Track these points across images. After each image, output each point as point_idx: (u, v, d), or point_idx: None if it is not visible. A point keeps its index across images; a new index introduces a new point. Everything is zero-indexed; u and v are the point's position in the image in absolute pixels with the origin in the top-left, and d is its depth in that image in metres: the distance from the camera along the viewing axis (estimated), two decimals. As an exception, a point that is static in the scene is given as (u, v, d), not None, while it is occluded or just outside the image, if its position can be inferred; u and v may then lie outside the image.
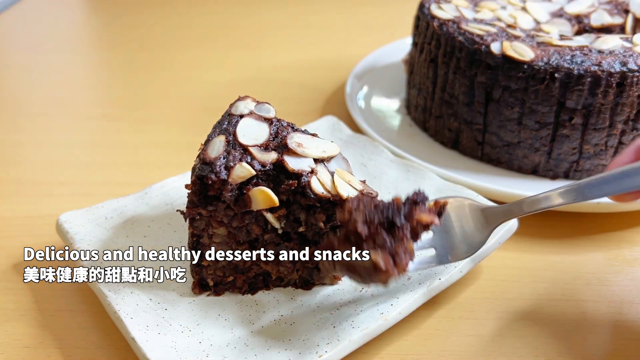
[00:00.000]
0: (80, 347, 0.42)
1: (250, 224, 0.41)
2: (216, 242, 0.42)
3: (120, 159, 0.67)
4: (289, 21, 1.14)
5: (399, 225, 0.37)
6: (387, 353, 0.41)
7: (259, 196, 0.39)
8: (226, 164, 0.39)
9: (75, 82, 0.90)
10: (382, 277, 0.35)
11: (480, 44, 0.56)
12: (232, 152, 0.40)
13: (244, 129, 0.42)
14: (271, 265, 0.43)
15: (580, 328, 0.43)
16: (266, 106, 0.45)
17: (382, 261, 0.35)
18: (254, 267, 0.43)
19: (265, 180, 0.40)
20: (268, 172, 0.40)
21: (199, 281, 0.43)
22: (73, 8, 1.28)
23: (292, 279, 0.44)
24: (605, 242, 0.52)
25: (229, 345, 0.39)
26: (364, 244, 0.36)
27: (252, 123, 0.43)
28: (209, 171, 0.38)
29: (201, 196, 0.39)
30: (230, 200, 0.39)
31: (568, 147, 0.55)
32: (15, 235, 0.53)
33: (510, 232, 0.46)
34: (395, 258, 0.36)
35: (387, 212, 0.37)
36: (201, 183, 0.39)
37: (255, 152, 0.40)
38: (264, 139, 0.42)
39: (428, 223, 0.38)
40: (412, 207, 0.38)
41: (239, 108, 0.44)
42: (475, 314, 0.44)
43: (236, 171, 0.39)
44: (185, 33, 1.08)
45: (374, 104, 0.73)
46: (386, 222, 0.37)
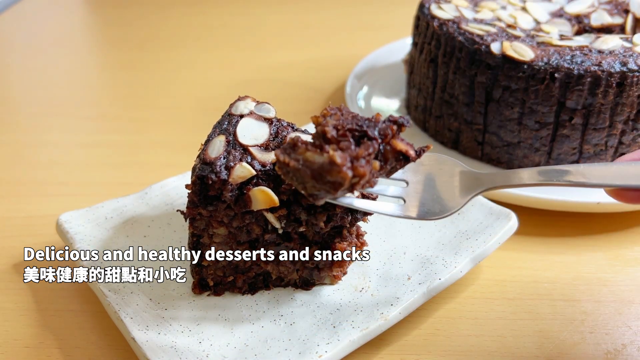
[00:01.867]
0: (80, 347, 0.42)
1: (251, 224, 0.41)
2: (216, 242, 0.42)
3: (120, 159, 0.67)
4: (289, 21, 1.14)
5: (370, 136, 0.33)
6: (387, 353, 0.41)
7: (260, 196, 0.39)
8: (226, 164, 0.39)
9: (75, 82, 0.90)
10: (335, 176, 0.32)
11: (480, 44, 0.56)
12: (232, 152, 0.40)
13: (244, 129, 0.42)
14: (271, 265, 0.43)
15: (580, 328, 0.43)
16: (266, 106, 0.45)
17: (339, 158, 0.31)
18: (254, 267, 0.43)
19: (265, 180, 0.40)
20: (268, 172, 0.40)
21: (199, 281, 0.43)
22: (73, 8, 1.28)
23: (292, 279, 0.44)
24: (605, 242, 0.52)
25: (229, 345, 0.39)
26: (327, 146, 0.32)
27: (252, 123, 0.43)
28: (209, 171, 0.38)
29: (201, 196, 0.39)
30: (231, 200, 0.39)
31: (568, 147, 0.55)
32: (15, 235, 0.53)
33: (510, 232, 0.46)
34: (354, 162, 0.32)
35: (362, 122, 0.34)
36: (201, 183, 0.39)
37: (256, 152, 0.40)
38: (264, 138, 0.42)
39: (402, 151, 0.34)
40: (389, 126, 0.34)
41: (239, 108, 0.44)
42: (475, 314, 0.44)
43: (236, 171, 0.39)
44: (185, 33, 1.08)
45: (374, 104, 0.73)
46: (358, 133, 0.33)
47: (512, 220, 0.47)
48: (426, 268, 0.44)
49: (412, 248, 0.47)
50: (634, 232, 0.53)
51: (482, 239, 0.45)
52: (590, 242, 0.52)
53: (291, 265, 0.43)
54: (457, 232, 0.47)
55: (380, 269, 0.45)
